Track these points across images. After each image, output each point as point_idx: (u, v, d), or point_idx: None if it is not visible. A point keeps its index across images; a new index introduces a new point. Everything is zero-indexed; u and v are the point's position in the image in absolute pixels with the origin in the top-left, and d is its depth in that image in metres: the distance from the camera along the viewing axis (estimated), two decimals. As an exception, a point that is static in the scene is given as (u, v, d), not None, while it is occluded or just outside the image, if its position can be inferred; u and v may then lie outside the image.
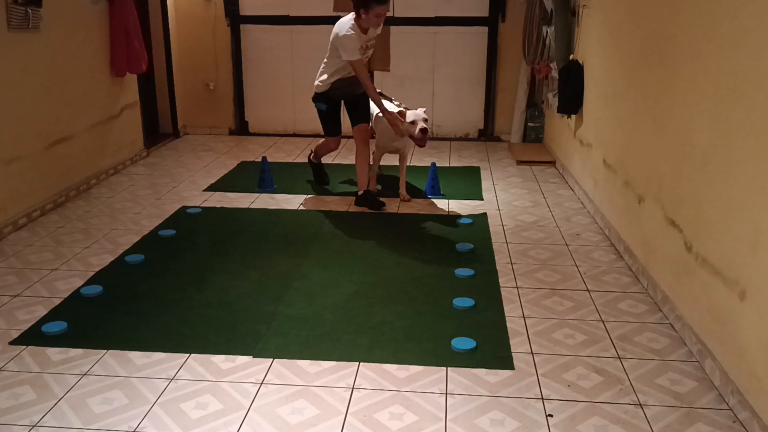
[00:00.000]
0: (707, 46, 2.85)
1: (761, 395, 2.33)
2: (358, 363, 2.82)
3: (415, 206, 4.92)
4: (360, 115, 4.95)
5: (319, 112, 4.99)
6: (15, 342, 2.97)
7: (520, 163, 6.16)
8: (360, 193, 4.88)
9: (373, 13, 4.49)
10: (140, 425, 2.41)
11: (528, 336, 3.05)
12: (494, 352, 2.91)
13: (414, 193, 5.16)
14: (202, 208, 4.85)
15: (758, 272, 2.38)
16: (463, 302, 3.35)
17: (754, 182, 2.42)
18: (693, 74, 3.01)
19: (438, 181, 5.19)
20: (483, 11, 6.91)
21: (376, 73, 7.13)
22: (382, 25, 4.72)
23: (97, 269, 3.75)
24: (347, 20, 4.64)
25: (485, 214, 4.73)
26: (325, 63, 4.85)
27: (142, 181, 5.56)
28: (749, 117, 2.46)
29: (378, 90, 5.03)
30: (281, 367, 2.79)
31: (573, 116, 5.33)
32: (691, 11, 3.04)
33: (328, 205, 4.95)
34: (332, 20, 7.16)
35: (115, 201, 5.01)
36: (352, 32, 4.55)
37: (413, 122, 4.68)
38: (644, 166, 3.65)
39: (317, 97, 4.92)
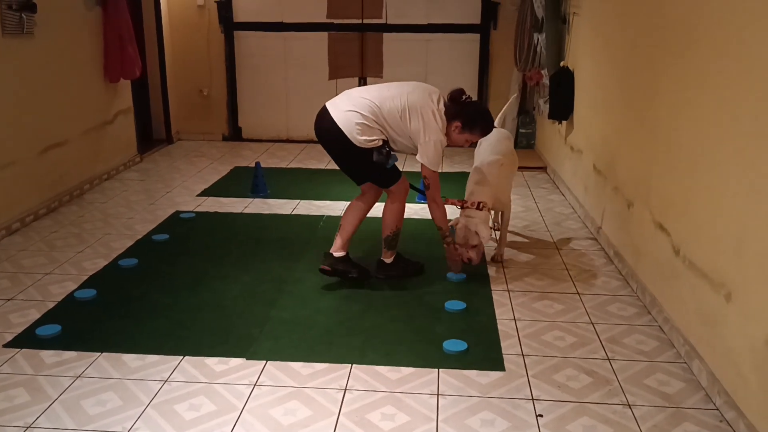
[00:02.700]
0: (695, 53, 2.91)
1: (747, 395, 2.37)
2: (350, 365, 2.85)
3: (408, 211, 4.94)
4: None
5: (388, 169, 3.52)
6: (9, 345, 2.98)
7: (512, 168, 6.20)
8: (390, 260, 3.74)
9: (468, 137, 3.57)
10: (134, 426, 2.43)
11: (519, 338, 3.09)
12: (485, 354, 2.94)
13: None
14: (196, 213, 4.87)
15: (743, 275, 2.42)
16: (454, 305, 3.38)
17: (739, 187, 2.46)
18: (680, 81, 3.06)
19: (430, 186, 5.22)
20: (475, 19, 6.98)
21: (369, 80, 7.18)
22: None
23: (91, 273, 3.77)
24: (437, 113, 3.44)
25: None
26: (373, 121, 3.42)
27: (135, 187, 5.58)
28: (735, 123, 2.51)
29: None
30: (274, 369, 2.81)
31: (564, 122, 5.38)
32: (679, 19, 3.10)
33: (321, 210, 4.97)
34: (325, 27, 7.34)
35: (109, 206, 5.03)
36: (444, 140, 3.49)
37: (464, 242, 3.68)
38: (633, 172, 3.70)
39: (388, 152, 3.46)
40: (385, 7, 7.01)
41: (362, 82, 7.17)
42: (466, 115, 3.50)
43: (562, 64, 5.30)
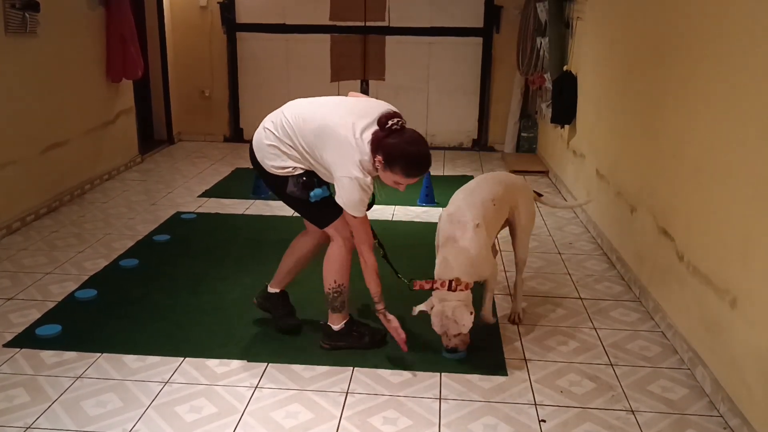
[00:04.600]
0: (699, 58, 2.90)
1: (751, 402, 2.36)
2: (352, 368, 2.83)
3: (409, 214, 4.94)
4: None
5: (314, 203, 2.85)
6: (9, 345, 2.97)
7: (514, 172, 6.19)
8: (338, 327, 3.01)
9: (391, 176, 2.68)
10: (134, 428, 2.41)
11: (521, 343, 3.07)
12: (488, 359, 2.93)
13: (407, 200, 5.17)
14: (197, 214, 4.86)
15: (748, 281, 2.41)
16: (456, 309, 3.36)
17: (744, 192, 2.45)
18: (685, 86, 3.05)
19: (432, 189, 5.22)
20: (478, 22, 6.97)
21: (372, 83, 7.18)
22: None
23: (92, 273, 3.75)
24: (353, 141, 2.64)
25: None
26: (289, 147, 2.78)
27: (136, 187, 5.57)
28: (741, 127, 2.50)
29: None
30: (275, 371, 2.80)
31: (566, 126, 5.38)
32: (684, 24, 3.09)
33: (322, 212, 4.96)
34: (328, 29, 7.33)
35: (110, 206, 5.01)
36: (366, 178, 2.65)
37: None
38: (636, 177, 3.69)
39: (305, 183, 2.80)
40: (388, 10, 7.00)
41: (364, 85, 7.17)
42: (386, 148, 2.60)
43: (565, 68, 5.30)
